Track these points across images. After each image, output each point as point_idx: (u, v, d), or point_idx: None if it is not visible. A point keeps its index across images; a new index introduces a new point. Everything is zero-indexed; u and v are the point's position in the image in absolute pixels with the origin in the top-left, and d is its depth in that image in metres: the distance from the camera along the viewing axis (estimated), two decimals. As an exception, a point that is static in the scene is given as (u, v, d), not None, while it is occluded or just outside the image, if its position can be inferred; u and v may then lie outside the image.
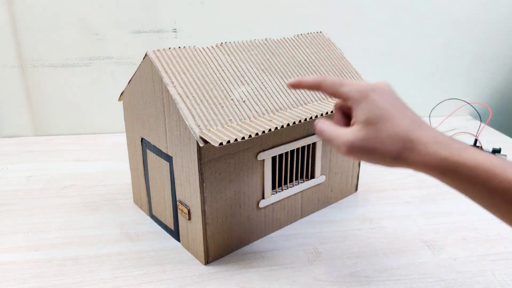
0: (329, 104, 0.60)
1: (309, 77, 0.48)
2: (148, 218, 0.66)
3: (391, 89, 0.44)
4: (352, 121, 0.43)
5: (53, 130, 0.99)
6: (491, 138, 0.97)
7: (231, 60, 0.58)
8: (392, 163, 0.41)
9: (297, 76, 0.62)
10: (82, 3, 0.89)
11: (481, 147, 0.87)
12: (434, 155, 0.39)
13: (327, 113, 0.57)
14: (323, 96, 0.62)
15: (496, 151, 0.88)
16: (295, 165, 0.62)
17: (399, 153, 0.40)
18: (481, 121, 1.03)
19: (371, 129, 0.41)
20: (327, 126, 0.45)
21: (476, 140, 0.88)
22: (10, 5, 0.88)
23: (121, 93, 0.62)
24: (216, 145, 0.46)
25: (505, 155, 0.86)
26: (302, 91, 0.60)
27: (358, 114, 0.42)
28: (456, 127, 1.03)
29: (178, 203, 0.57)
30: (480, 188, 0.37)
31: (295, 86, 0.50)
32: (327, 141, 0.44)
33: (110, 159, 0.86)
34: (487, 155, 0.38)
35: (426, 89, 1.11)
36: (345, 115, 0.47)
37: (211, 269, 0.55)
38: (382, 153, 0.40)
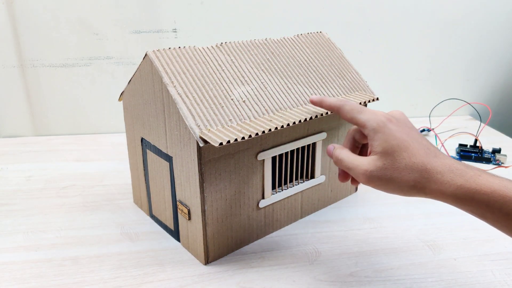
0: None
1: (332, 99, 0.51)
2: (148, 218, 0.66)
3: (406, 118, 0.46)
4: (369, 150, 0.46)
5: (53, 130, 0.99)
6: (491, 138, 0.97)
7: (231, 60, 0.58)
8: (408, 192, 0.43)
9: (297, 76, 0.62)
10: (82, 3, 0.89)
11: (481, 147, 0.87)
12: (450, 184, 0.40)
13: (327, 113, 0.57)
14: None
15: (496, 151, 0.88)
16: (295, 165, 0.62)
17: (416, 182, 0.41)
18: (481, 121, 1.03)
19: (388, 159, 0.42)
20: (345, 155, 0.47)
21: (476, 140, 0.89)
22: (10, 5, 0.88)
23: (121, 93, 0.62)
24: (216, 145, 0.46)
25: (505, 155, 0.86)
26: (302, 91, 0.60)
27: (375, 144, 0.44)
28: (456, 127, 1.03)
29: (178, 203, 0.57)
30: (497, 213, 0.38)
31: (317, 104, 0.53)
32: (345, 169, 0.47)
33: (110, 159, 0.86)
34: (502, 180, 0.39)
35: (426, 89, 1.11)
36: (354, 142, 0.50)
37: (211, 269, 0.55)
38: (399, 182, 0.42)
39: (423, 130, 0.97)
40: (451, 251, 0.59)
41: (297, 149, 0.61)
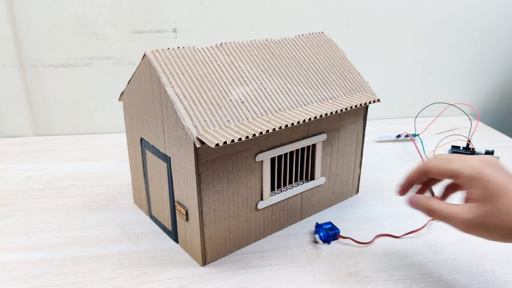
0: (329, 105, 0.60)
1: (413, 171, 0.50)
2: (148, 218, 0.66)
3: (500, 164, 0.45)
4: (466, 198, 0.45)
5: (53, 130, 1.00)
6: (491, 138, 0.97)
7: (231, 60, 0.58)
8: (510, 239, 0.42)
9: (298, 76, 0.62)
10: (82, 3, 0.89)
11: (473, 149, 0.86)
12: None
13: (326, 114, 0.57)
14: (323, 97, 0.62)
15: (488, 153, 0.86)
16: (294, 167, 0.62)
17: None
18: (471, 123, 1.03)
19: (488, 206, 0.42)
20: (438, 204, 0.46)
21: (468, 143, 0.87)
22: (10, 5, 0.88)
23: (121, 93, 0.63)
24: (212, 146, 0.46)
25: (498, 157, 0.84)
26: (302, 92, 0.60)
27: (474, 192, 0.43)
28: (456, 127, 1.03)
29: (176, 203, 0.57)
30: None
31: (405, 189, 0.52)
32: (441, 219, 0.46)
33: (110, 159, 0.86)
34: None
35: (426, 89, 1.10)
36: (447, 193, 0.52)
37: (211, 269, 0.55)
38: (500, 229, 0.41)
39: (407, 136, 0.95)
40: (451, 251, 0.59)
41: (297, 150, 0.61)
